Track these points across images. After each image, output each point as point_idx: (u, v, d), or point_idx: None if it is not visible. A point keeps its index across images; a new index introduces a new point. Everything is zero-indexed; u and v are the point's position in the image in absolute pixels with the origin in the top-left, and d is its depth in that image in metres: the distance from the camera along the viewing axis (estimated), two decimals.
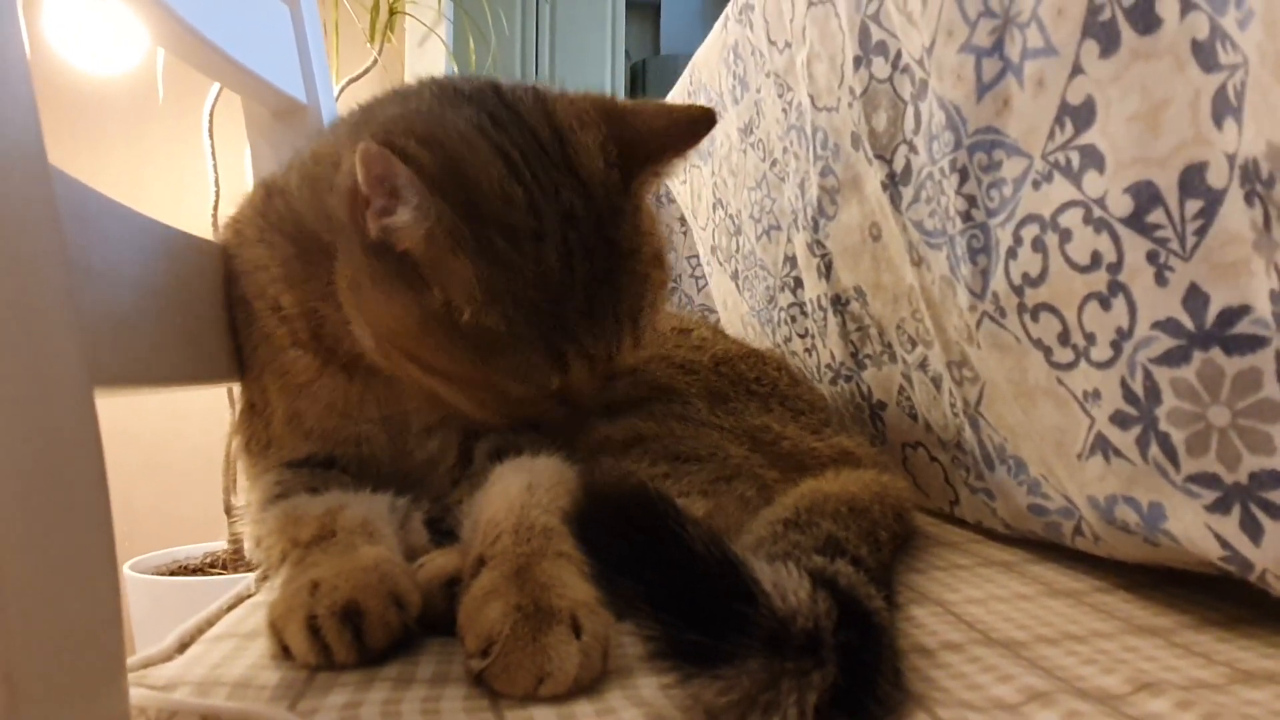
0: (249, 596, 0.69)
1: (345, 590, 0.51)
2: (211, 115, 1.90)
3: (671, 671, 0.42)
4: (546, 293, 0.59)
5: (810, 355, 1.06)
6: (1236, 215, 0.48)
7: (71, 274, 0.42)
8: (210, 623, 0.63)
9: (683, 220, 1.56)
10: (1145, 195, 0.52)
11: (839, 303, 0.95)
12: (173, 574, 1.89)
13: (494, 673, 0.46)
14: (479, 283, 0.58)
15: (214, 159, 1.91)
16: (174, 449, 2.25)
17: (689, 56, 1.38)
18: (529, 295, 0.59)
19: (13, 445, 0.35)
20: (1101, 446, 0.58)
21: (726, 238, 1.28)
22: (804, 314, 1.05)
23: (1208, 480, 0.51)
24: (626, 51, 3.44)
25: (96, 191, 0.53)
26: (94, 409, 0.41)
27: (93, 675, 0.39)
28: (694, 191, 1.40)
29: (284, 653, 0.52)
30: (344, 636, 0.50)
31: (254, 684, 0.49)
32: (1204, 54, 0.48)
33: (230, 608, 0.66)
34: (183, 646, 0.58)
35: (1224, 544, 0.51)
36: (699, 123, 0.67)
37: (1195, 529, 0.53)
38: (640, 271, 0.65)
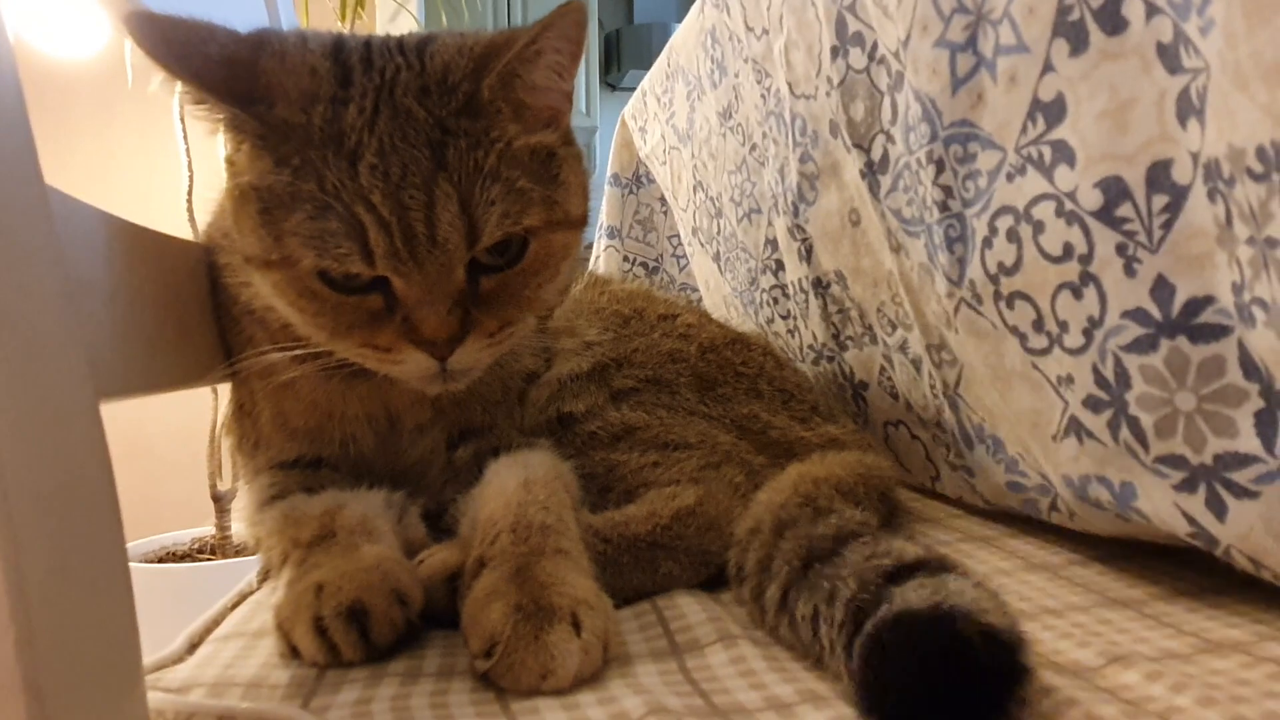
0: (251, 593, 0.70)
1: (349, 591, 0.53)
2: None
3: None
4: (339, 151, 0.55)
5: (793, 336, 1.07)
6: (1201, 210, 0.50)
7: (70, 289, 0.43)
8: (216, 621, 0.64)
9: (663, 200, 1.57)
10: (1114, 190, 0.54)
11: (820, 286, 0.97)
12: (161, 561, 1.88)
13: (498, 673, 0.48)
14: (263, 142, 0.56)
15: (187, 144, 1.88)
16: (156, 434, 2.24)
17: (663, 26, 1.39)
18: (319, 154, 0.55)
19: (30, 465, 0.36)
20: (1075, 429, 0.61)
21: (708, 220, 1.29)
22: (786, 296, 1.06)
23: (1175, 461, 0.54)
24: (600, 21, 3.42)
25: (86, 204, 0.53)
26: (101, 421, 0.42)
27: (114, 681, 0.40)
28: (674, 173, 1.41)
29: (293, 653, 0.53)
30: (350, 636, 0.52)
31: (266, 683, 0.51)
32: (1169, 56, 0.50)
33: (234, 605, 0.68)
34: (192, 647, 0.59)
35: (1191, 521, 0.54)
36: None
37: (1164, 507, 0.55)
38: (484, 160, 0.57)
